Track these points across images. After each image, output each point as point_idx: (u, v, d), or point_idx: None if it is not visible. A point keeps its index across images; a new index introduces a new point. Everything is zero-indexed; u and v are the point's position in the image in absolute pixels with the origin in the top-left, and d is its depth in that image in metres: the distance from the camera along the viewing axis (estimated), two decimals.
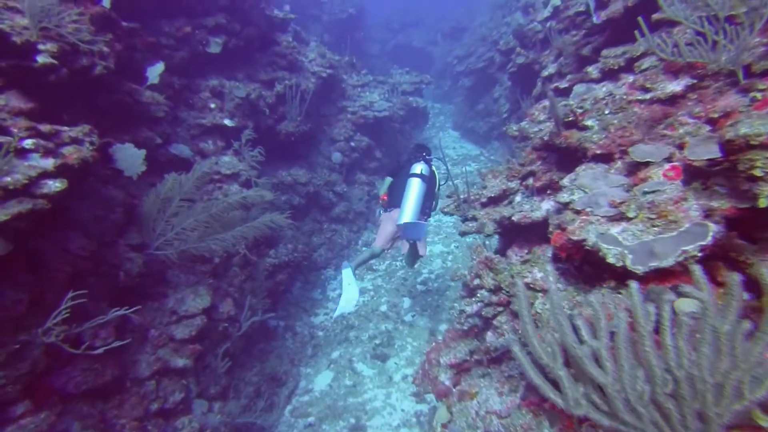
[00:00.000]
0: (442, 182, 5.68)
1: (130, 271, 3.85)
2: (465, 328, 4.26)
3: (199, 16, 6.57)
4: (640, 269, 2.16)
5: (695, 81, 3.16)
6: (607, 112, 3.38)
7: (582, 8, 5.49)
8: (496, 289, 3.54)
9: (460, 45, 17.55)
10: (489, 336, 3.79)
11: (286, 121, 7.82)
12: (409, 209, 4.97)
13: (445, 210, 4.65)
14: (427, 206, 5.27)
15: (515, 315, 3.62)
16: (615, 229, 2.40)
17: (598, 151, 3.16)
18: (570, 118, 3.52)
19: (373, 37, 23.05)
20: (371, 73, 12.20)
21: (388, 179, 5.66)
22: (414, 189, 5.04)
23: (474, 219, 4.18)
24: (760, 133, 1.96)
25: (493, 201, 4.26)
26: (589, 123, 3.41)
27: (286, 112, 7.80)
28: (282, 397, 5.88)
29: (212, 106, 6.41)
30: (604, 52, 4.19)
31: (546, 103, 5.03)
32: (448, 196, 4.81)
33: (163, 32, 6.04)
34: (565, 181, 3.10)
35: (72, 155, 3.09)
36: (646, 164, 2.63)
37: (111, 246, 3.87)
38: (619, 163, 2.92)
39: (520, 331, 3.42)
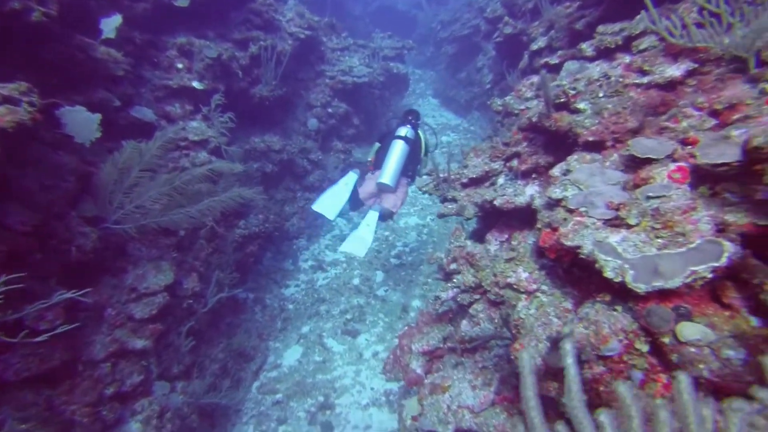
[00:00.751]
0: (430, 149, 5.58)
1: (84, 246, 3.56)
2: (439, 312, 4.13)
3: None
4: (642, 288, 1.93)
5: (696, 66, 2.96)
6: (601, 95, 3.17)
7: None
8: (476, 287, 3.38)
9: (446, 10, 16.97)
10: (464, 325, 3.66)
11: (261, 84, 7.41)
12: (390, 169, 5.00)
13: (424, 189, 4.43)
14: (410, 169, 5.25)
15: (492, 303, 3.49)
16: (614, 238, 2.18)
17: (590, 138, 2.97)
18: (561, 100, 3.31)
19: None
20: (352, 35, 11.67)
21: (377, 144, 5.61)
22: (396, 150, 5.05)
23: (453, 200, 3.98)
24: None
25: (475, 182, 4.06)
26: (581, 106, 3.20)
27: (260, 75, 7.38)
28: (249, 373, 5.74)
29: (180, 66, 5.98)
30: (600, 28, 3.95)
31: (534, 79, 4.80)
32: (428, 174, 4.59)
33: None
34: (556, 172, 2.90)
35: (4, 117, 2.74)
36: (648, 161, 2.42)
37: (61, 218, 3.56)
38: (615, 156, 2.72)
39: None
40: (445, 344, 3.91)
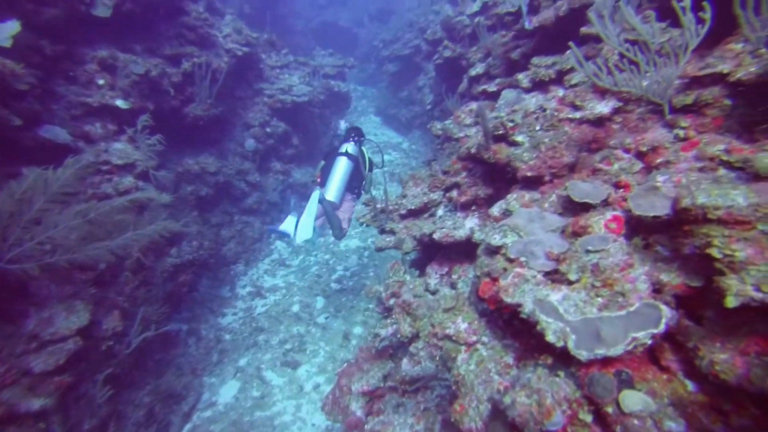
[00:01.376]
0: (375, 165, 5.79)
1: None
2: (379, 348, 3.95)
3: None
4: (584, 355, 1.84)
5: (621, 104, 3.01)
6: (537, 128, 3.14)
7: (512, 8, 5.26)
8: (413, 337, 3.22)
9: (387, 28, 17.09)
10: (405, 363, 3.48)
11: (195, 103, 7.02)
12: (333, 186, 5.17)
13: (361, 220, 4.26)
14: (354, 185, 5.39)
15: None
16: (555, 296, 2.05)
17: (529, 173, 2.91)
18: (500, 131, 3.25)
19: (298, 12, 21.91)
20: (294, 51, 11.44)
21: (322, 162, 5.70)
22: (340, 167, 5.22)
23: (392, 232, 3.83)
24: (718, 205, 1.73)
25: (414, 213, 3.93)
26: (519, 138, 3.16)
27: (194, 94, 7.00)
28: (180, 415, 5.30)
29: (101, 82, 5.52)
30: (535, 60, 3.97)
31: (473, 105, 4.78)
32: (365, 204, 4.42)
33: None
34: (495, 211, 2.81)
35: None
36: (585, 207, 2.39)
37: None
38: (553, 196, 2.66)
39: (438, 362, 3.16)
40: (386, 383, 3.72)
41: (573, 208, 2.50)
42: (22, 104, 4.56)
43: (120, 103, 5.44)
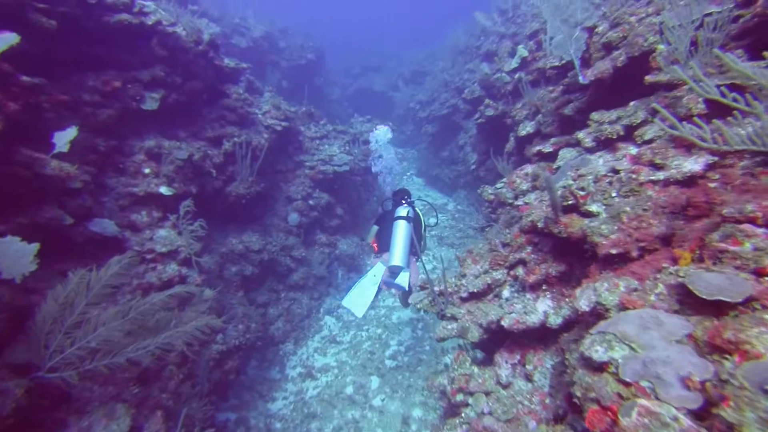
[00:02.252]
0: (430, 221, 5.93)
1: (1, 408, 2.88)
2: None
3: (133, 69, 5.79)
4: None
5: (715, 158, 2.58)
6: (614, 194, 2.75)
7: (557, 63, 5.01)
8: None
9: (422, 90, 17.30)
10: None
11: (236, 182, 7.01)
12: (398, 251, 5.10)
13: (419, 306, 3.87)
14: (415, 247, 5.21)
15: None
16: None
17: (612, 250, 2.48)
18: (569, 201, 2.88)
19: (333, 81, 22.70)
20: (331, 121, 11.60)
21: (375, 227, 5.74)
22: (401, 231, 5.17)
23: (453, 318, 3.42)
24: None
25: (476, 296, 3.53)
26: (593, 208, 2.77)
27: (235, 172, 7.00)
28: None
29: (147, 171, 5.56)
30: (595, 116, 3.64)
31: (528, 169, 4.44)
32: (421, 287, 4.04)
33: (86, 87, 5.21)
34: (583, 305, 2.29)
35: None
36: (718, 307, 1.84)
37: None
38: (660, 286, 2.16)
39: None
40: None
41: (694, 303, 1.98)
42: (76, 201, 4.58)
43: (164, 190, 5.42)
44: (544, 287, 3.06)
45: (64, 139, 4.09)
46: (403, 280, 5.16)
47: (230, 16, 15.58)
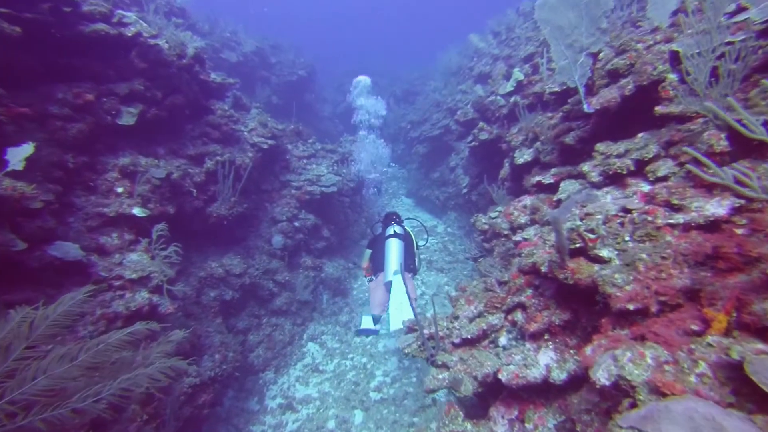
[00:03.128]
0: (420, 242, 5.80)
1: None
2: None
3: (110, 82, 5.47)
4: None
5: (742, 201, 2.32)
6: (627, 238, 2.46)
7: (555, 88, 4.78)
8: None
9: (414, 109, 17.15)
10: None
11: (218, 202, 6.66)
12: (393, 266, 5.08)
13: (407, 350, 3.52)
14: (409, 263, 5.31)
15: None
16: None
17: (629, 305, 2.17)
18: (577, 244, 2.58)
19: (324, 98, 22.56)
20: (321, 138, 11.34)
21: (368, 251, 5.79)
22: (394, 247, 5.20)
23: (445, 366, 3.09)
24: None
25: (470, 342, 3.20)
26: (604, 253, 2.48)
27: (217, 192, 6.66)
28: None
29: (119, 190, 5.20)
30: (600, 147, 3.38)
31: (527, 201, 4.16)
32: (411, 328, 3.71)
33: (55, 99, 4.87)
34: (601, 377, 1.90)
35: None
36: None
37: None
38: (702, 365, 1.71)
39: None
40: None
41: (754, 394, 1.58)
42: (34, 223, 4.21)
43: (137, 211, 5.06)
44: (546, 336, 2.74)
45: (18, 155, 3.74)
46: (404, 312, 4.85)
47: (221, 30, 15.37)
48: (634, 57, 3.43)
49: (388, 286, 5.11)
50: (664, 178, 2.72)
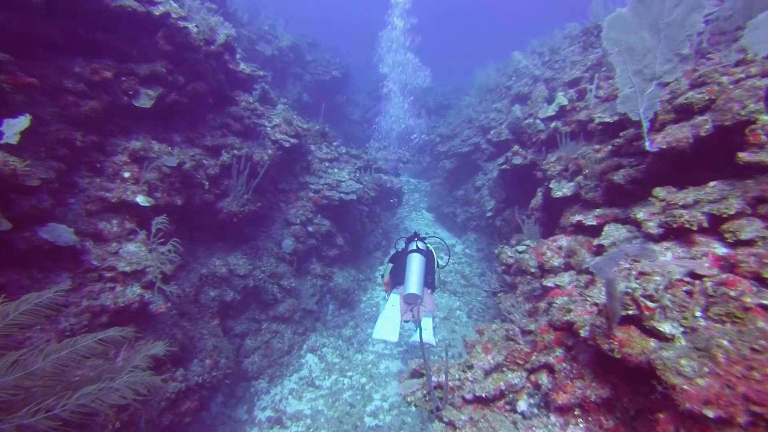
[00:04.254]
0: (441, 262, 5.90)
1: None
2: None
3: (131, 61, 5.20)
4: None
5: None
6: (698, 313, 2.01)
7: (606, 118, 4.33)
8: None
9: (444, 123, 16.75)
10: None
11: (229, 198, 6.34)
12: (413, 280, 5.09)
13: (409, 398, 3.09)
14: (429, 280, 5.38)
15: None
16: None
17: (708, 411, 1.69)
18: (630, 311, 2.14)
19: (356, 101, 22.29)
20: (347, 141, 11.03)
21: (389, 265, 5.84)
22: (415, 263, 5.20)
23: (451, 425, 2.65)
24: None
25: (483, 401, 2.76)
26: (665, 329, 2.02)
27: (230, 187, 6.34)
28: None
29: (126, 174, 4.90)
30: (660, 193, 2.93)
31: (563, 242, 3.71)
32: (417, 372, 3.28)
33: (71, 74, 4.61)
34: None
35: None
36: None
37: None
38: None
39: None
40: None
41: None
42: (29, 201, 3.91)
43: (141, 199, 4.75)
44: (576, 412, 2.30)
45: (14, 128, 3.44)
46: (427, 334, 5.04)
47: (260, 22, 15.21)
48: (716, 92, 2.97)
49: (408, 298, 5.14)
50: (750, 243, 2.26)
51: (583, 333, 2.27)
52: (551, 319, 2.66)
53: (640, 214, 2.92)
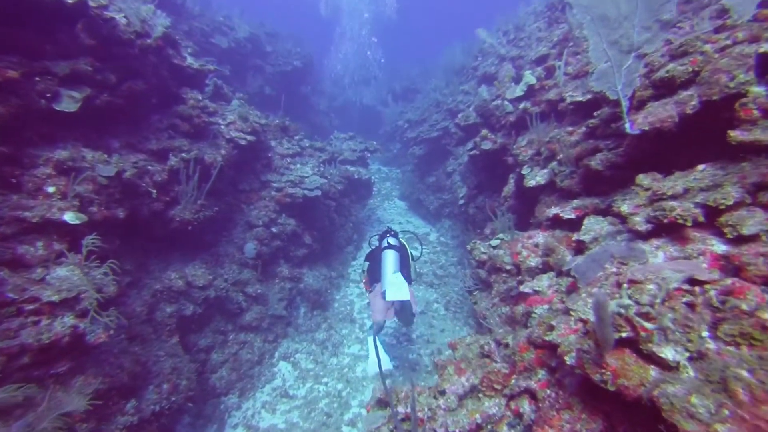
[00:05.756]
0: (415, 253, 6.09)
1: None
2: None
3: (46, 58, 4.61)
4: None
5: None
6: (705, 333, 1.65)
7: (578, 96, 3.96)
8: None
9: (412, 108, 16.30)
10: None
11: (180, 205, 5.82)
12: (390, 275, 5.24)
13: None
14: (405, 274, 5.41)
15: None
16: None
17: None
18: (624, 333, 1.77)
19: (322, 90, 21.64)
20: (313, 133, 10.52)
21: (366, 263, 5.97)
22: (390, 258, 5.38)
23: None
24: None
25: None
26: (668, 354, 1.66)
27: (180, 194, 5.82)
28: None
29: (50, 190, 4.35)
30: (644, 181, 2.57)
31: (539, 239, 3.35)
32: (379, 402, 2.89)
33: None
34: None
35: None
36: None
37: None
38: None
39: None
40: None
41: None
42: None
43: (69, 217, 4.21)
44: None
45: None
46: (403, 291, 5.07)
47: (212, 13, 14.43)
48: (700, 62, 2.60)
49: (387, 302, 5.28)
50: (753, 238, 1.91)
51: (569, 360, 1.91)
52: (531, 336, 2.29)
53: (624, 206, 2.56)
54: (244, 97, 8.67)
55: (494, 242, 4.05)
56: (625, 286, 1.86)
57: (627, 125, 2.81)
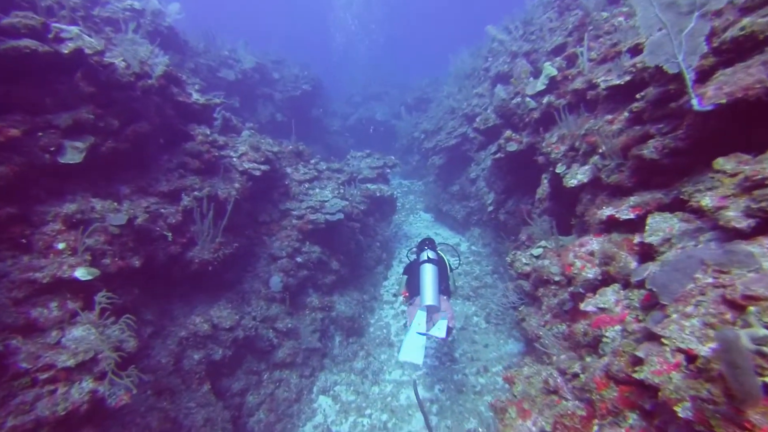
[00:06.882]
0: (452, 265, 6.01)
1: None
2: None
3: (48, 112, 4.44)
4: None
5: None
6: None
7: (616, 80, 3.56)
8: None
9: (427, 117, 16.00)
10: None
11: (198, 246, 5.57)
12: (428, 291, 5.24)
13: None
14: (444, 286, 5.54)
15: None
16: None
17: None
18: (766, 377, 1.35)
19: (333, 111, 21.59)
20: (330, 154, 10.29)
21: (404, 277, 5.98)
22: (428, 273, 5.35)
23: None
24: None
25: None
26: None
27: (196, 234, 5.58)
28: None
29: (60, 246, 4.13)
30: (726, 165, 2.16)
31: (593, 245, 2.93)
32: None
33: None
34: None
35: None
36: None
37: None
38: None
39: None
40: None
41: None
42: None
43: (80, 273, 3.98)
44: None
45: None
46: (440, 329, 5.11)
47: (217, 48, 14.45)
48: None
49: (427, 310, 5.28)
50: None
51: (682, 413, 1.48)
52: (609, 369, 1.89)
53: (706, 199, 2.13)
54: (255, 126, 8.49)
55: (536, 251, 3.66)
56: (752, 309, 1.44)
57: (695, 101, 2.36)
